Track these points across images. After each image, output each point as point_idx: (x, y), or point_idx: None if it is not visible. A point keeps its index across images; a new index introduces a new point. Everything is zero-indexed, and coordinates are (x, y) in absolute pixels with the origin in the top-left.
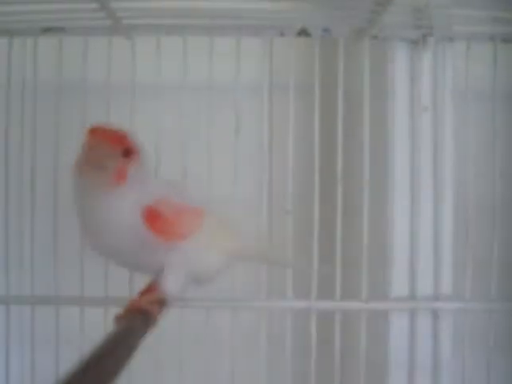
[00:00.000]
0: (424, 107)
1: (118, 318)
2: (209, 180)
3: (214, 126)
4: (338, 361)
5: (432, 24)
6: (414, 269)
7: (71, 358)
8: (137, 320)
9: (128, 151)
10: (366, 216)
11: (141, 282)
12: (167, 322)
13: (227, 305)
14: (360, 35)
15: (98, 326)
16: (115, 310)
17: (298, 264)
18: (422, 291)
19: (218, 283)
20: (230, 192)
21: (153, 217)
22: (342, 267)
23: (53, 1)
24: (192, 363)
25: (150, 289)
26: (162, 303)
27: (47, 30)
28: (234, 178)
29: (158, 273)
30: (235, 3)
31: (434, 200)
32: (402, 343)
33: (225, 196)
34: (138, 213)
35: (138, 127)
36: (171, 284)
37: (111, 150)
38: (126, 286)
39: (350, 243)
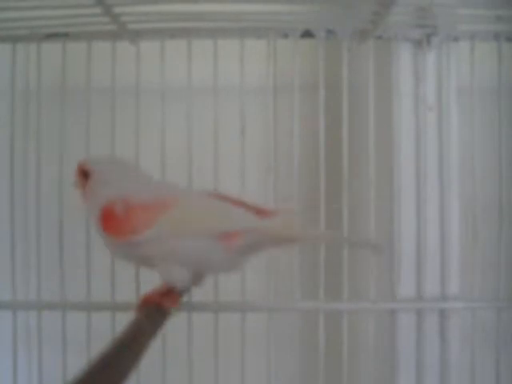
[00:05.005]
0: (429, 107)
1: (139, 308)
2: (215, 181)
3: (220, 128)
4: (346, 361)
5: (436, 23)
6: (421, 269)
7: (78, 362)
8: (151, 314)
9: (86, 174)
10: (373, 216)
11: (147, 286)
12: (176, 325)
13: (236, 307)
14: (364, 36)
15: (105, 330)
16: (122, 315)
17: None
18: (429, 291)
19: (227, 285)
20: (237, 193)
21: (106, 217)
22: (350, 268)
23: (56, 6)
24: (201, 364)
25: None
26: (175, 293)
27: (51, 36)
28: (239, 178)
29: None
30: (239, 6)
31: (440, 200)
32: (410, 343)
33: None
34: (95, 215)
35: (144, 130)
36: (166, 273)
37: (78, 175)
38: (133, 290)
39: None
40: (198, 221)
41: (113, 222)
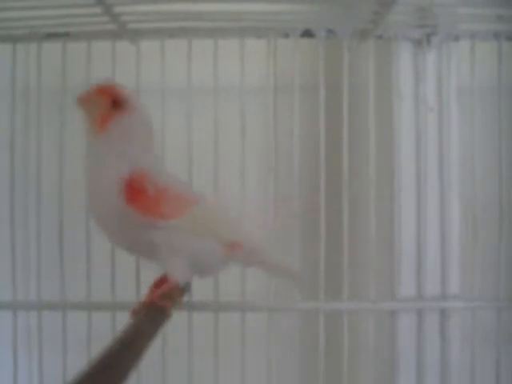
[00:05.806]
0: (430, 108)
1: (135, 312)
2: (215, 181)
3: (220, 128)
4: (346, 361)
5: (436, 23)
6: (422, 269)
7: (79, 363)
8: (151, 314)
9: (117, 103)
10: (373, 217)
11: (147, 286)
12: (176, 325)
13: (236, 307)
14: (364, 36)
15: (106, 330)
16: (122, 315)
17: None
18: (429, 291)
19: (227, 285)
20: (237, 194)
21: (133, 187)
22: (350, 268)
23: (56, 6)
24: (201, 364)
25: (163, 279)
26: (177, 293)
27: (51, 36)
28: (239, 178)
29: (157, 257)
30: (239, 5)
31: (440, 200)
32: (410, 343)
33: (231, 198)
34: (118, 176)
35: None
36: (170, 265)
37: (98, 98)
38: (133, 290)
39: (357, 244)
40: (217, 225)
41: (142, 197)
